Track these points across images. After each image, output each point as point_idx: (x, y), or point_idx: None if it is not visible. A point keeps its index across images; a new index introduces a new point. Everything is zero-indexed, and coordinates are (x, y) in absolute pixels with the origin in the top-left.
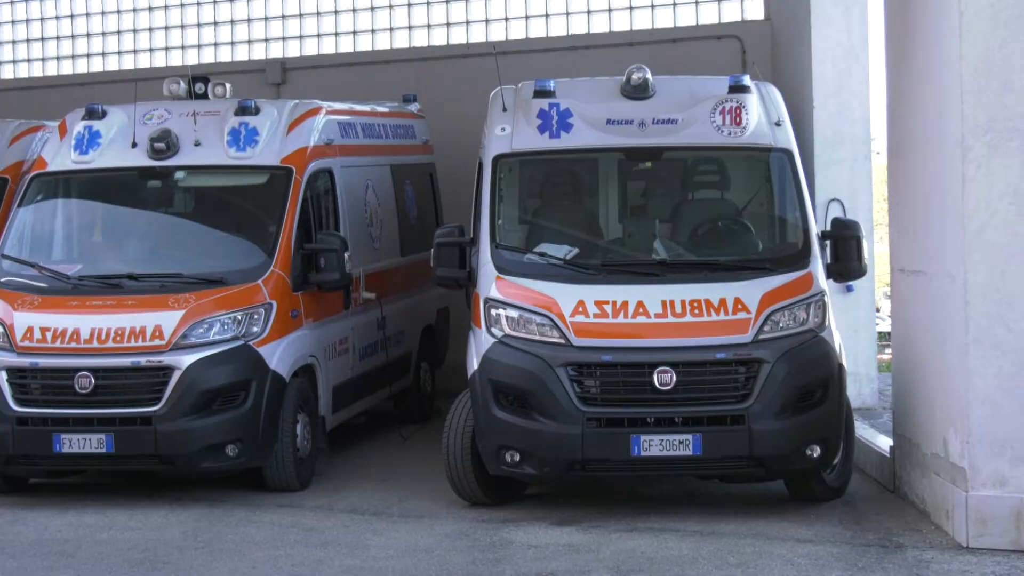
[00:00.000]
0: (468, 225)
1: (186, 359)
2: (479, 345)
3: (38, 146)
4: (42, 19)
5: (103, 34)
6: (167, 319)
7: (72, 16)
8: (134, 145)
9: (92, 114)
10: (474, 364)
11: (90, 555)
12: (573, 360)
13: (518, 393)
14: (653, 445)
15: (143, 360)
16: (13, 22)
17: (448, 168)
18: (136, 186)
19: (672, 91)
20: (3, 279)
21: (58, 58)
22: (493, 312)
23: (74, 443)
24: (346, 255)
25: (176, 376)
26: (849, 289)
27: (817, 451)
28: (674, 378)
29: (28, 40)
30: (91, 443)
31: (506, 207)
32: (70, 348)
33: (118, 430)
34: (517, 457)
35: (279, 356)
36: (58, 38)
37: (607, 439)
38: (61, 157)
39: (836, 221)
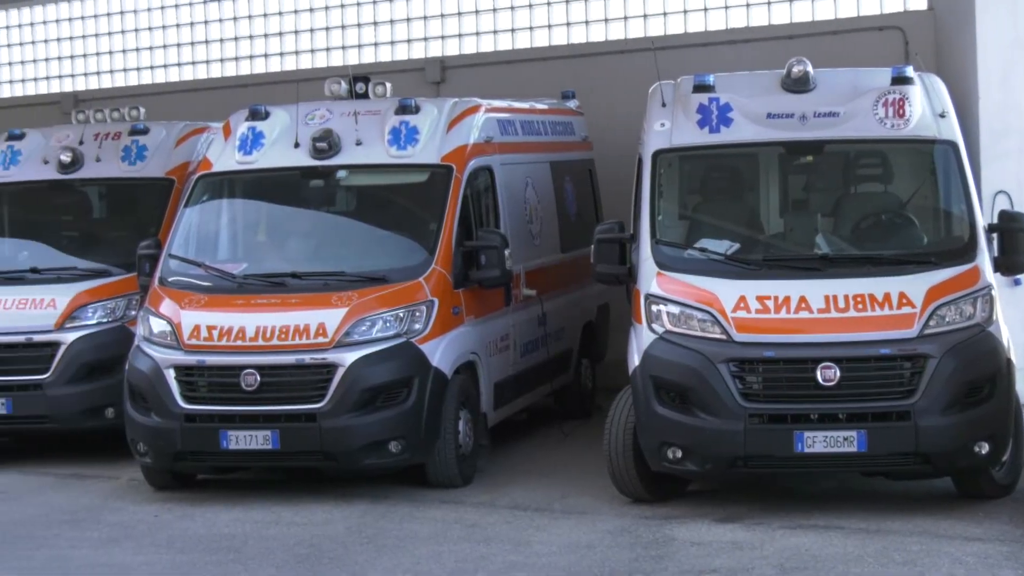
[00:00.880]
0: (628, 221)
1: (349, 356)
2: (640, 341)
3: (203, 147)
4: (206, 22)
5: (265, 36)
6: (330, 317)
7: (235, 19)
8: (296, 145)
9: (255, 115)
10: (635, 360)
11: (257, 550)
12: (735, 356)
13: (679, 389)
14: (817, 441)
15: (307, 358)
16: (178, 26)
17: (607, 164)
18: (299, 185)
19: (833, 84)
20: (170, 278)
21: (222, 60)
22: (654, 308)
23: (240, 440)
24: (506, 252)
25: (340, 373)
26: (1017, 283)
27: (985, 448)
28: (838, 374)
29: (192, 43)
30: (257, 440)
31: (666, 203)
32: (236, 346)
33: (283, 427)
34: (679, 453)
35: (441, 353)
36: (221, 40)
37: (770, 436)
38: (225, 158)
39: (1003, 213)
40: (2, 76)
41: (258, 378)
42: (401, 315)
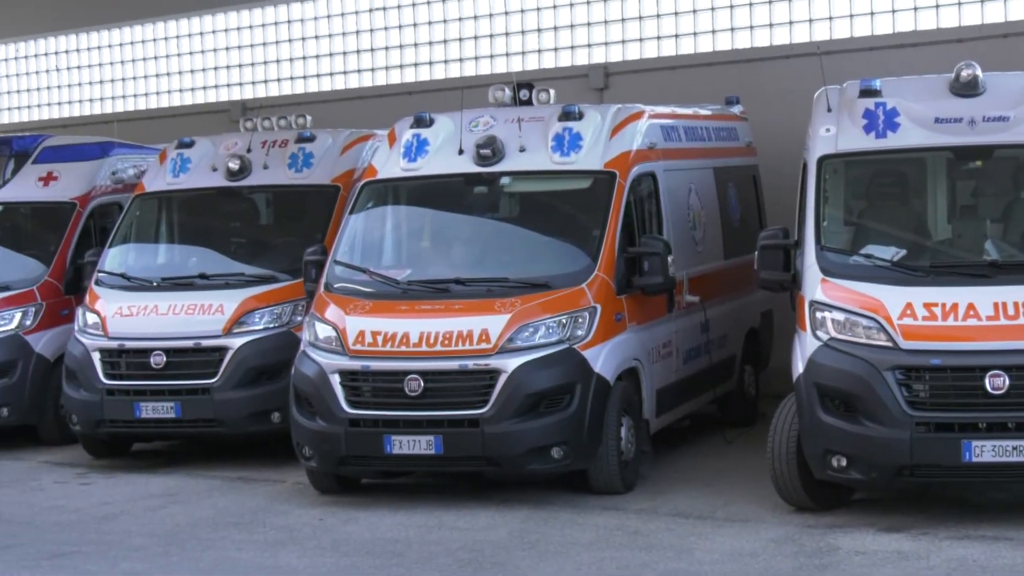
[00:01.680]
0: (792, 227)
1: (512, 362)
2: (804, 348)
3: (368, 154)
4: (371, 30)
5: (430, 43)
6: (494, 323)
7: (400, 27)
8: (460, 152)
9: (420, 122)
10: (799, 367)
11: (420, 555)
12: (901, 364)
13: (844, 397)
14: (986, 451)
15: (470, 363)
16: (344, 34)
17: (771, 170)
18: (462, 192)
19: (1003, 87)
20: (336, 284)
21: (387, 68)
22: (818, 315)
23: (404, 444)
24: (669, 258)
25: (503, 379)
26: None
27: None
28: (1007, 382)
29: (358, 51)
30: (420, 445)
31: (831, 208)
32: (400, 352)
33: (447, 432)
34: (844, 462)
35: (603, 359)
36: (387, 48)
37: (937, 444)
38: (390, 165)
39: None
40: (172, 85)
41: (422, 383)
42: (564, 321)
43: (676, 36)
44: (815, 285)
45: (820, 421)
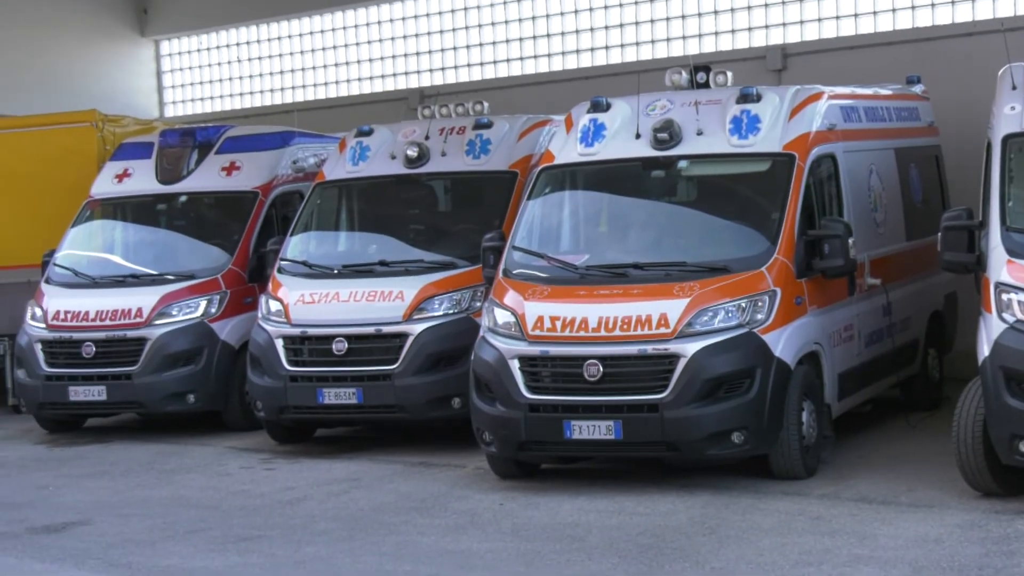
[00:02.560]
0: (976, 208)
1: (691, 347)
2: (989, 331)
3: (545, 140)
4: (547, 16)
5: (606, 28)
6: (672, 307)
7: (576, 11)
8: (638, 136)
9: (597, 107)
10: (984, 350)
11: (600, 539)
12: None
13: None
14: None
15: (649, 348)
16: (520, 20)
17: (954, 150)
18: (640, 176)
19: None
20: (514, 270)
21: (563, 53)
22: (1004, 297)
23: (584, 430)
24: (850, 241)
25: (682, 364)
26: None
27: None
28: None
29: (535, 37)
30: (600, 430)
31: (1017, 188)
32: (579, 337)
33: (626, 417)
34: None
35: (784, 343)
36: (563, 33)
37: None
38: (568, 150)
39: None
40: (351, 74)
41: (601, 368)
42: (743, 305)
43: (855, 15)
44: (1000, 266)
45: (1006, 405)
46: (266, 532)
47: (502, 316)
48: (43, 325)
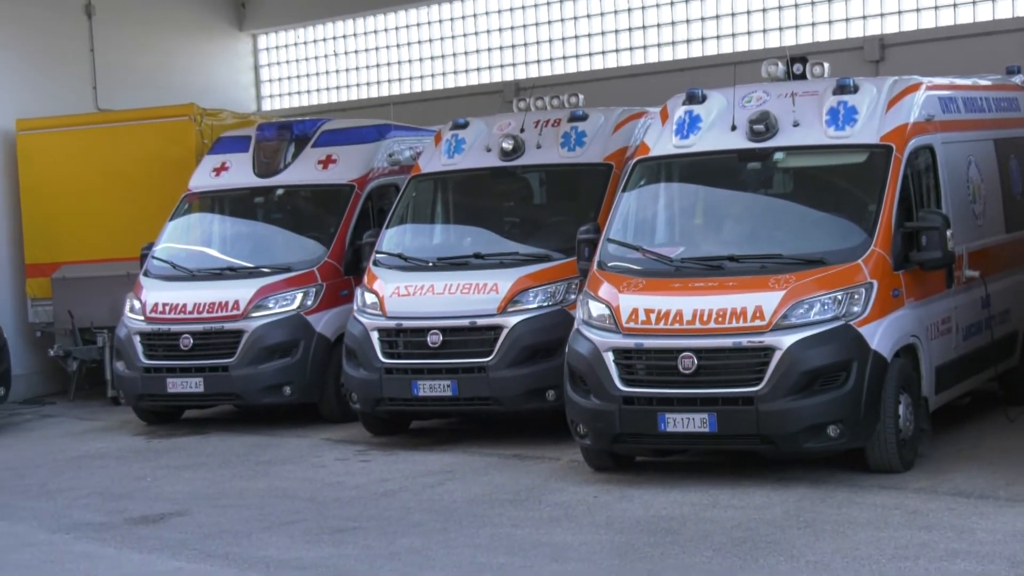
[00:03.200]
0: None
1: (787, 339)
2: None
3: (640, 132)
4: (643, 8)
5: (702, 19)
6: (768, 300)
7: (672, 3)
8: (733, 128)
9: (692, 99)
10: None
11: (694, 533)
12: None
13: None
14: None
15: (744, 340)
16: (615, 12)
17: None
18: (735, 168)
19: None
20: (609, 263)
21: (659, 45)
22: None
23: (678, 422)
24: (948, 233)
25: (777, 356)
26: None
27: None
28: None
29: (630, 29)
30: (694, 422)
31: None
32: (673, 329)
33: (720, 410)
34: None
35: (880, 336)
36: (658, 25)
37: None
38: (663, 142)
39: None
40: (447, 67)
41: (695, 361)
42: (839, 297)
43: (954, 5)
44: None
45: None
46: (361, 524)
47: (597, 308)
48: (142, 318)
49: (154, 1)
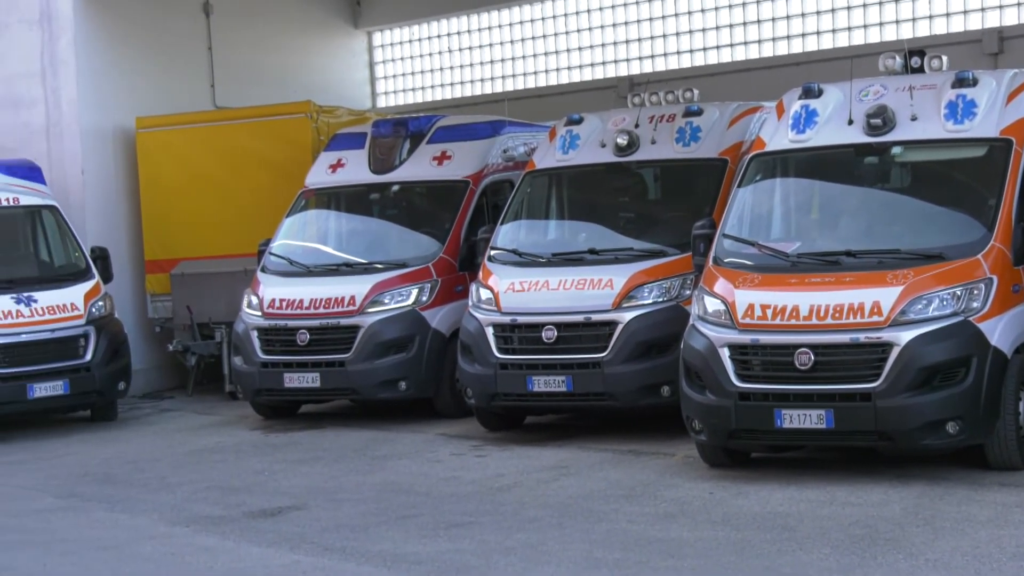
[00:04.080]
0: None
1: (905, 335)
2: None
3: (756, 127)
4: (758, 2)
5: (818, 13)
6: (886, 295)
7: None
8: (850, 122)
9: (808, 93)
10: None
11: (812, 530)
12: None
13: None
14: None
15: (862, 336)
16: (730, 6)
17: None
18: (852, 163)
19: None
20: (725, 258)
21: (774, 39)
22: None
23: (795, 418)
24: None
25: (895, 352)
26: None
27: None
28: None
29: (744, 23)
30: (811, 419)
31: None
32: (790, 325)
33: (837, 406)
34: None
35: (1000, 332)
36: (773, 20)
37: None
38: (779, 137)
39: None
40: (560, 63)
41: (812, 357)
42: (958, 293)
43: None
44: None
45: None
46: (477, 518)
47: (712, 304)
48: (259, 313)
49: (272, 1)
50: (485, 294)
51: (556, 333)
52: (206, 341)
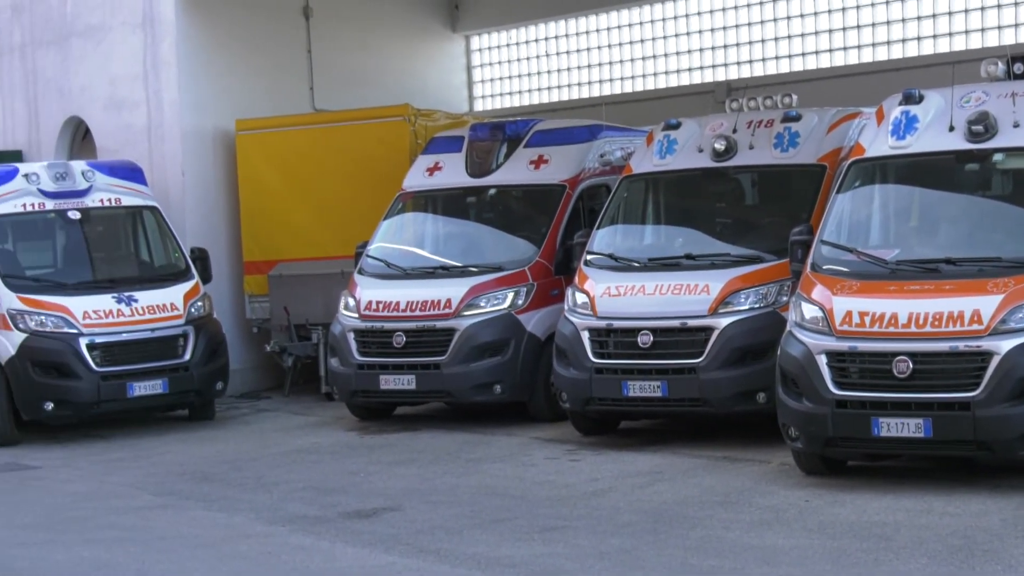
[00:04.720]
0: None
1: (1006, 344)
2: None
3: (855, 132)
4: (857, 7)
5: (918, 18)
6: (986, 304)
7: (887, 2)
8: (951, 129)
9: (909, 99)
10: None
11: (908, 539)
12: None
13: None
14: None
15: (961, 345)
16: (829, 11)
17: None
18: (953, 170)
19: None
20: (823, 265)
21: (874, 45)
22: None
23: (892, 427)
24: None
25: (995, 361)
26: None
27: None
28: None
29: (844, 28)
30: (909, 427)
31: None
32: (888, 332)
33: (936, 415)
34: None
35: None
36: (873, 25)
37: None
38: (878, 143)
39: None
40: (658, 67)
41: (910, 365)
42: None
43: None
44: None
45: None
46: (571, 523)
47: (810, 311)
48: (356, 315)
49: (369, 3)
50: (581, 298)
51: (652, 338)
52: (303, 342)
